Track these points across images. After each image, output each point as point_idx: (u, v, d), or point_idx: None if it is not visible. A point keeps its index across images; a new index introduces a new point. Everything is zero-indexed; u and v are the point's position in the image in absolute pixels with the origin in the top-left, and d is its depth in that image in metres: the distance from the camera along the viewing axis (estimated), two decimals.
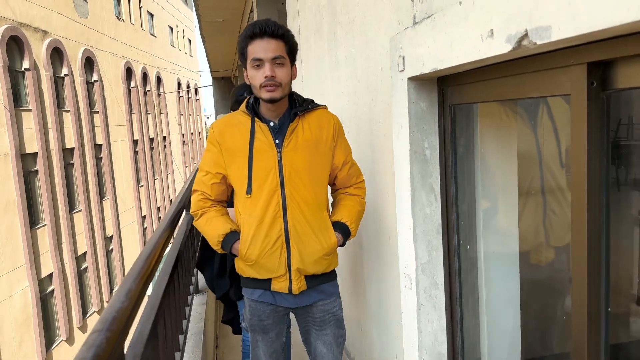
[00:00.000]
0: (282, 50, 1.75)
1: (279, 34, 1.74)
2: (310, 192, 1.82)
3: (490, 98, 1.36)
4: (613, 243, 1.05)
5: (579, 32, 0.83)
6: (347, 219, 1.93)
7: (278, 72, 1.74)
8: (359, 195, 2.00)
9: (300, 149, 1.80)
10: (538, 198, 1.70)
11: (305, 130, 1.83)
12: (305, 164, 1.81)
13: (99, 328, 0.89)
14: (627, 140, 1.15)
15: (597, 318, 1.04)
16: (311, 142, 1.83)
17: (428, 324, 1.69)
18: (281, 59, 1.74)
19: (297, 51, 1.86)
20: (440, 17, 1.31)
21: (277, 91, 1.75)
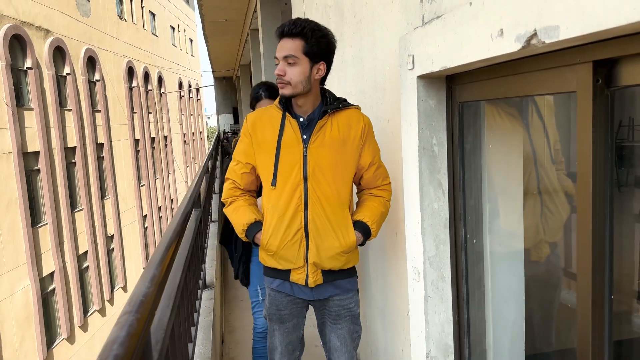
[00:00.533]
0: (297, 50, 1.78)
1: (294, 33, 1.78)
2: (332, 189, 1.85)
3: (498, 95, 1.41)
4: (616, 238, 1.10)
5: (586, 32, 0.87)
6: (368, 219, 1.93)
7: (288, 71, 1.79)
8: (383, 197, 1.99)
9: (326, 146, 1.84)
10: (543, 195, 1.75)
11: (334, 128, 1.86)
12: (330, 161, 1.84)
13: (128, 310, 0.94)
14: (629, 140, 1.20)
15: (601, 310, 1.09)
16: (338, 140, 1.85)
17: (435, 316, 1.74)
18: (293, 58, 1.78)
19: (325, 48, 1.83)
20: (451, 17, 1.36)
21: (286, 88, 1.80)
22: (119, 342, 0.81)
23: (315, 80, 1.85)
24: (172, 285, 1.55)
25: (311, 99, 1.88)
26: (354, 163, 1.91)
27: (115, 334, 0.84)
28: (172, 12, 30.63)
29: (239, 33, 12.48)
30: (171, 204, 26.61)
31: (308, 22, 1.81)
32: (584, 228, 1.08)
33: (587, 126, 1.04)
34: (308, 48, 1.78)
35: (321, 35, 1.81)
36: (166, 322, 1.33)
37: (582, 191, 1.07)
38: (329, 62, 1.88)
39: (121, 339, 0.82)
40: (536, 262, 1.77)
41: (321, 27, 1.83)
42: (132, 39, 22.53)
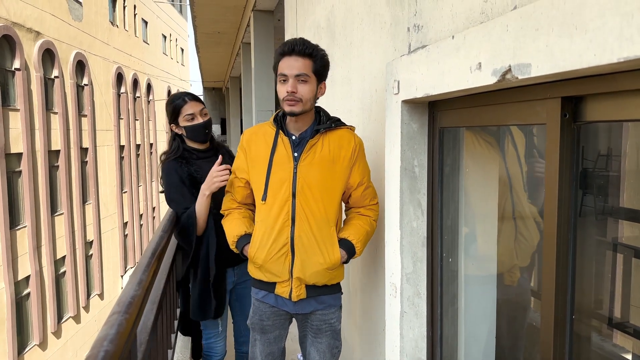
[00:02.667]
0: (308, 69, 1.85)
1: (306, 53, 1.85)
2: (320, 206, 1.90)
3: (475, 123, 1.50)
4: (579, 262, 1.18)
5: (554, 71, 0.96)
6: (353, 237, 1.97)
7: (300, 89, 1.84)
8: (370, 217, 2.04)
9: (315, 165, 1.90)
10: (517, 220, 1.84)
11: (325, 147, 1.92)
12: (319, 179, 1.90)
13: (117, 310, 0.99)
14: (595, 169, 1.29)
15: (562, 329, 1.17)
16: (328, 159, 1.91)
17: (410, 331, 1.80)
18: (304, 77, 1.84)
19: (328, 70, 1.94)
20: (435, 48, 1.45)
21: (297, 106, 1.85)
22: (109, 339, 0.86)
23: (317, 98, 1.94)
24: (156, 291, 1.60)
25: (308, 117, 1.95)
26: (342, 182, 1.96)
27: (106, 331, 0.89)
28: (164, 20, 30.70)
29: (231, 45, 12.58)
30: (153, 212, 26.40)
31: (310, 43, 1.89)
32: (548, 251, 1.16)
33: (554, 157, 1.13)
34: (314, 68, 1.86)
35: (322, 56, 1.89)
36: (150, 325, 1.38)
37: (548, 216, 1.16)
38: (325, 82, 1.97)
39: (111, 336, 0.87)
40: (508, 283, 1.85)
41: (321, 49, 1.92)
42: (122, 46, 22.52)
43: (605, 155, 1.27)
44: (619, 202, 1.36)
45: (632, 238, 1.41)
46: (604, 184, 1.31)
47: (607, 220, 1.33)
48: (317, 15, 3.37)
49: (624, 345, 1.40)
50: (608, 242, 1.32)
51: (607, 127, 1.27)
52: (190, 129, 2.43)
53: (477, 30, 1.23)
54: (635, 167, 1.37)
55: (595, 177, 1.25)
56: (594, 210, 1.28)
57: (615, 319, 1.35)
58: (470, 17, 1.39)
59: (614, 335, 1.34)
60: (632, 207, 1.36)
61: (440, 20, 1.56)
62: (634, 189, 1.38)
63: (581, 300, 1.21)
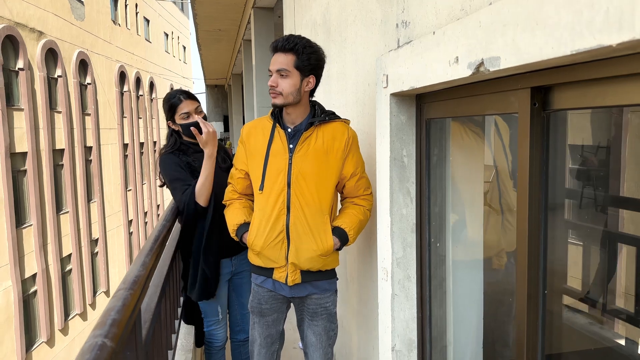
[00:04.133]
0: (289, 64, 1.96)
1: (287, 48, 1.96)
2: (313, 196, 2.00)
3: (458, 114, 1.59)
4: (550, 241, 1.27)
5: (519, 63, 1.05)
6: (346, 225, 2.07)
7: (280, 83, 1.97)
8: (364, 206, 2.13)
9: (310, 156, 2.00)
10: (503, 207, 1.93)
11: (319, 139, 2.02)
12: (313, 170, 2.00)
13: (123, 287, 1.09)
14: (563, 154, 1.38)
15: (535, 302, 1.26)
16: (321, 151, 2.01)
17: (401, 312, 1.89)
18: (285, 71, 1.96)
19: (315, 64, 1.99)
20: (418, 44, 1.53)
21: (278, 98, 1.98)
22: (116, 309, 0.95)
23: (305, 92, 2.02)
24: (159, 275, 1.69)
25: (300, 110, 2.04)
26: (336, 173, 2.05)
27: (112, 304, 0.99)
28: (166, 18, 30.79)
29: (232, 43, 12.66)
30: (157, 210, 26.56)
31: (300, 38, 1.98)
32: (521, 232, 1.25)
33: (525, 144, 1.21)
34: (299, 62, 1.95)
35: (311, 52, 1.98)
36: (153, 307, 1.47)
37: (520, 199, 1.24)
38: (318, 76, 2.04)
39: (118, 307, 0.96)
40: (494, 267, 1.94)
41: (312, 44, 2.00)
42: (125, 44, 22.64)
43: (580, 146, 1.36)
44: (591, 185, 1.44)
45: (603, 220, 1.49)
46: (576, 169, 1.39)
47: (579, 203, 1.42)
48: (314, 12, 3.46)
49: (591, 317, 1.48)
50: (578, 223, 1.40)
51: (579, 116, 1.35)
52: (185, 127, 2.54)
53: (454, 25, 1.31)
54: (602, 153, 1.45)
55: (563, 162, 1.34)
56: (565, 193, 1.36)
57: (585, 294, 1.44)
58: (451, 14, 1.48)
59: (586, 309, 1.43)
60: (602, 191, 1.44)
61: (425, 16, 1.64)
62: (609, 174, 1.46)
63: (552, 278, 1.30)
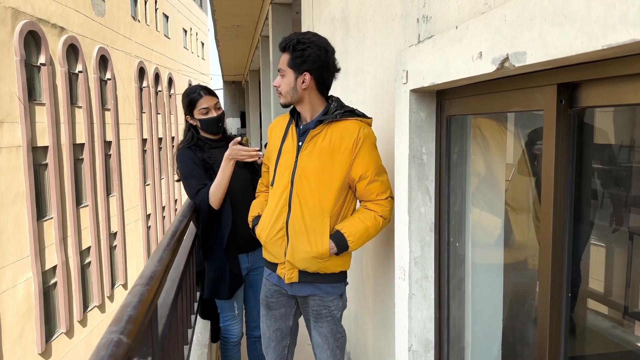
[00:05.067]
0: (284, 63, 1.97)
1: (282, 47, 1.98)
2: (314, 196, 1.96)
3: (480, 111, 1.55)
4: (574, 242, 1.23)
5: (547, 59, 1.01)
6: (346, 230, 1.96)
7: (280, 82, 2.00)
8: (375, 212, 2.00)
9: (314, 155, 1.96)
10: (522, 204, 1.88)
11: (326, 138, 1.95)
12: (316, 169, 1.95)
13: (140, 282, 1.08)
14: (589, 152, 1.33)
15: (558, 306, 1.22)
16: (327, 150, 1.94)
17: (418, 312, 1.86)
18: (282, 71, 1.99)
19: (310, 59, 1.91)
20: (440, 39, 1.50)
21: (280, 98, 2.03)
22: (132, 305, 0.94)
23: (303, 90, 1.96)
24: (176, 270, 1.69)
25: (307, 108, 2.01)
26: (341, 174, 1.96)
27: (129, 299, 0.98)
28: (185, 15, 30.97)
29: (250, 39, 12.68)
30: (175, 204, 26.79)
31: (297, 35, 1.96)
32: (545, 232, 1.21)
33: (551, 141, 1.18)
34: (291, 60, 1.94)
35: (303, 48, 1.91)
36: (170, 302, 1.47)
37: (545, 199, 1.21)
38: (315, 72, 1.94)
39: (134, 303, 0.95)
40: (514, 268, 1.90)
41: (306, 40, 1.92)
42: (144, 40, 22.82)
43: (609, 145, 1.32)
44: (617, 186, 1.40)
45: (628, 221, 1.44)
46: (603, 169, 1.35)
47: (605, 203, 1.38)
48: (332, 8, 3.43)
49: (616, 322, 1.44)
50: (603, 224, 1.36)
51: None
52: (204, 122, 2.58)
53: (478, 20, 1.28)
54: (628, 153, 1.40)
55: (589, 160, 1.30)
56: (591, 193, 1.32)
57: (608, 296, 1.39)
58: (474, 8, 1.44)
59: (608, 312, 1.38)
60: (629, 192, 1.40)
61: (447, 11, 1.61)
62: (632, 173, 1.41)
63: (577, 280, 1.26)
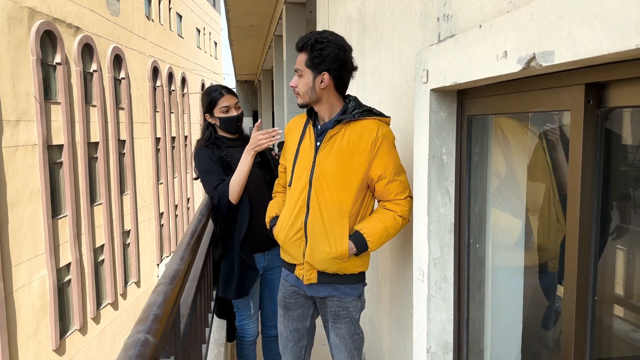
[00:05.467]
0: (301, 63, 1.96)
1: (300, 47, 1.97)
2: (333, 196, 1.95)
3: (503, 110, 1.54)
4: (601, 243, 1.21)
5: (576, 58, 1.00)
6: (366, 230, 1.95)
7: (298, 82, 1.99)
8: (394, 212, 1.99)
9: (333, 155, 1.95)
10: (544, 206, 1.86)
11: (345, 138, 1.94)
12: (334, 169, 1.94)
13: (163, 281, 1.08)
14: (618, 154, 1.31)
15: (584, 309, 1.20)
16: (346, 150, 1.93)
17: (437, 314, 1.85)
18: (299, 71, 1.98)
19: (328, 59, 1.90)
20: (462, 37, 1.48)
21: (298, 98, 2.02)
22: (157, 304, 0.94)
23: (322, 90, 1.95)
24: (195, 269, 1.69)
25: (325, 107, 2.00)
26: (360, 173, 1.95)
27: (154, 299, 0.98)
28: (198, 14, 31.11)
29: (263, 38, 12.70)
30: (187, 203, 26.93)
31: (313, 34, 1.94)
32: (572, 235, 1.19)
33: (578, 142, 1.16)
34: (309, 61, 1.93)
35: (322, 47, 1.90)
36: (190, 301, 1.47)
37: (571, 200, 1.19)
38: (334, 71, 1.93)
39: (159, 302, 0.95)
40: (535, 270, 1.88)
41: (324, 39, 1.91)
42: (158, 40, 22.96)
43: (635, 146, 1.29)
44: None
45: None
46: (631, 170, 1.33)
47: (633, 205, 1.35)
48: (349, 7, 3.42)
49: None
50: (631, 228, 1.34)
51: None
52: (224, 121, 2.59)
53: (503, 19, 1.26)
54: None
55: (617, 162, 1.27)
56: (619, 195, 1.30)
57: (634, 300, 1.37)
58: (498, 7, 1.42)
59: (635, 317, 1.36)
60: None
61: (469, 9, 1.59)
62: None
63: (603, 284, 1.24)
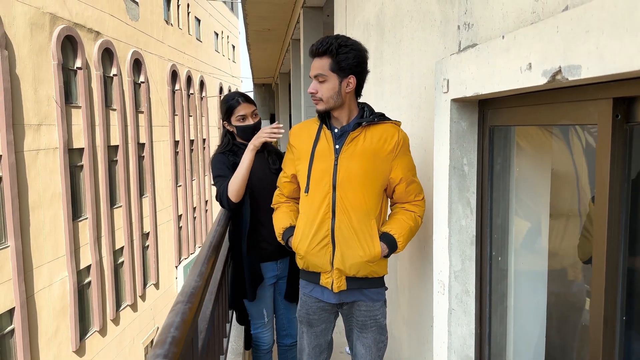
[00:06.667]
0: (324, 68, 1.91)
1: (320, 52, 1.91)
2: (359, 198, 1.93)
3: (527, 122, 1.50)
4: (630, 260, 1.17)
5: (604, 73, 0.96)
6: (395, 231, 1.97)
7: (319, 88, 1.94)
8: (415, 212, 2.03)
9: (357, 157, 1.93)
10: (569, 218, 1.81)
11: (367, 140, 1.94)
12: (359, 171, 1.93)
13: (181, 300, 1.07)
14: None
15: (612, 329, 1.16)
16: (369, 151, 1.93)
17: (458, 328, 1.82)
18: (322, 76, 1.92)
19: (354, 62, 1.91)
20: (484, 48, 1.45)
21: (320, 104, 1.96)
22: (175, 326, 0.93)
23: (347, 93, 1.95)
24: (214, 282, 1.69)
25: (346, 111, 1.99)
26: (384, 175, 1.97)
27: (171, 319, 0.97)
28: (216, 18, 31.35)
29: (281, 42, 12.72)
30: (205, 205, 27.11)
31: (335, 38, 1.92)
32: (599, 251, 1.16)
33: (605, 157, 1.12)
34: (335, 65, 1.90)
35: (347, 51, 1.90)
36: (208, 314, 1.46)
37: (598, 216, 1.15)
38: (358, 74, 1.96)
39: (177, 323, 0.94)
40: (559, 282, 1.83)
41: (348, 43, 1.92)
42: (177, 44, 23.17)
43: None
44: None
45: None
46: None
47: None
48: (367, 13, 3.40)
49: None
50: None
51: None
52: (241, 129, 2.59)
53: (527, 30, 1.23)
54: None
55: None
56: None
57: None
58: (521, 17, 1.39)
59: None
60: None
61: (490, 19, 1.56)
62: None
63: (633, 301, 1.20)
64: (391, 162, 1.97)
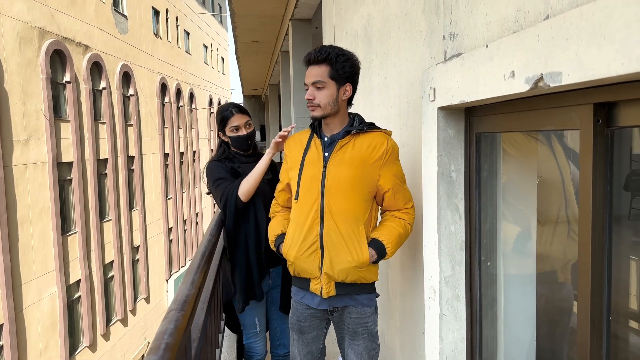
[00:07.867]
0: (323, 75, 1.95)
1: (319, 60, 1.96)
2: (348, 205, 1.96)
3: (512, 129, 1.53)
4: (614, 263, 1.20)
5: (584, 79, 1.00)
6: (384, 237, 1.99)
7: (317, 95, 1.97)
8: (404, 220, 2.04)
9: (345, 164, 1.96)
10: (555, 221, 1.85)
11: (356, 147, 1.98)
12: (347, 178, 1.95)
13: (174, 307, 1.08)
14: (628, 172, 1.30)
15: (599, 330, 1.19)
16: (358, 159, 1.96)
17: (449, 333, 1.83)
18: (320, 83, 1.96)
19: (350, 71, 1.98)
20: (469, 57, 1.49)
21: (317, 111, 1.99)
22: (168, 333, 0.94)
23: (343, 101, 2.01)
24: (206, 291, 1.69)
25: (339, 119, 2.03)
26: (372, 182, 1.99)
27: (165, 326, 0.98)
28: (205, 31, 31.44)
29: (270, 54, 12.80)
30: (196, 218, 26.99)
31: (332, 48, 1.98)
32: (584, 255, 1.19)
33: (588, 161, 1.16)
34: (334, 72, 1.95)
35: (345, 60, 1.97)
36: (201, 324, 1.47)
37: (582, 220, 1.18)
38: (354, 83, 2.03)
39: (170, 330, 0.95)
40: (548, 286, 1.86)
41: (344, 52, 1.99)
42: (166, 56, 23.19)
43: None
44: None
45: None
46: None
47: None
48: (354, 24, 3.44)
49: None
50: None
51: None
52: (235, 139, 2.63)
53: (509, 39, 1.27)
54: None
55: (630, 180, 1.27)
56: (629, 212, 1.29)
57: None
58: (504, 26, 1.43)
59: None
60: None
61: (475, 28, 1.60)
62: None
63: (618, 302, 1.23)
64: (380, 169, 1.99)
